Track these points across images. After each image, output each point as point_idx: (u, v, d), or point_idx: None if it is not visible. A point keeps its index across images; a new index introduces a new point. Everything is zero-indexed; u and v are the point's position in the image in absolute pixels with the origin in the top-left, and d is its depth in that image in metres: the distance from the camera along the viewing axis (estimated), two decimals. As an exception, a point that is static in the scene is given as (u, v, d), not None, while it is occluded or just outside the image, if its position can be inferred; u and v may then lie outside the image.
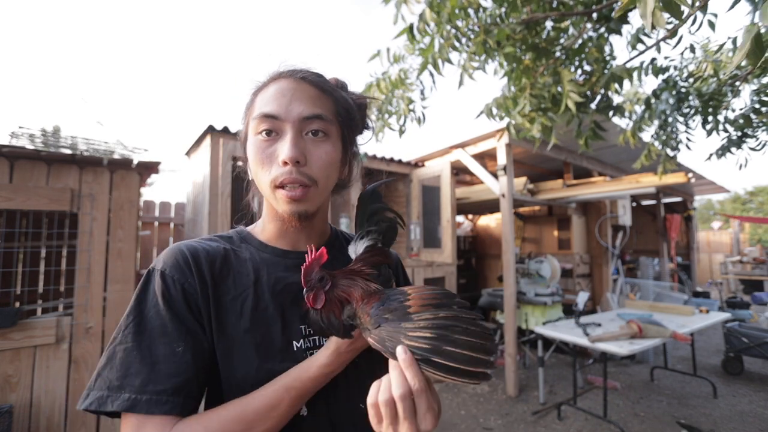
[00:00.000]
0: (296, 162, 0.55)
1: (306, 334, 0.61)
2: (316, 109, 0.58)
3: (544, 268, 4.21)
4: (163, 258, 0.57)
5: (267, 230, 0.66)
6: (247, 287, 0.59)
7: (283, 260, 0.64)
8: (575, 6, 1.76)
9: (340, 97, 0.63)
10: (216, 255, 0.59)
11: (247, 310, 0.57)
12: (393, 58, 1.85)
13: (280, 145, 0.56)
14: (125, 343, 0.50)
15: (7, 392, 1.96)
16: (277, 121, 0.57)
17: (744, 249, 11.39)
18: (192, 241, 0.61)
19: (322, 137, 0.59)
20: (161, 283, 0.54)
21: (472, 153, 4.05)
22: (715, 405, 3.23)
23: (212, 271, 0.57)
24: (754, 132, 2.03)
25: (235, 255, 0.62)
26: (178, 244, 0.59)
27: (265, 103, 0.58)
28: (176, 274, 0.55)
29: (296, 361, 0.57)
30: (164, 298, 0.53)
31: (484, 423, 3.00)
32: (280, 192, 0.56)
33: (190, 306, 0.54)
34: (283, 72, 0.61)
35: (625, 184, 4.03)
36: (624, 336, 2.71)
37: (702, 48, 1.98)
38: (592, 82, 1.79)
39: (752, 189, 22.72)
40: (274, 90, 0.58)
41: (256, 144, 0.58)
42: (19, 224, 2.39)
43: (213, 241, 0.63)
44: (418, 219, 4.24)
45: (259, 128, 0.57)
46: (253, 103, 0.61)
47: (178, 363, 0.50)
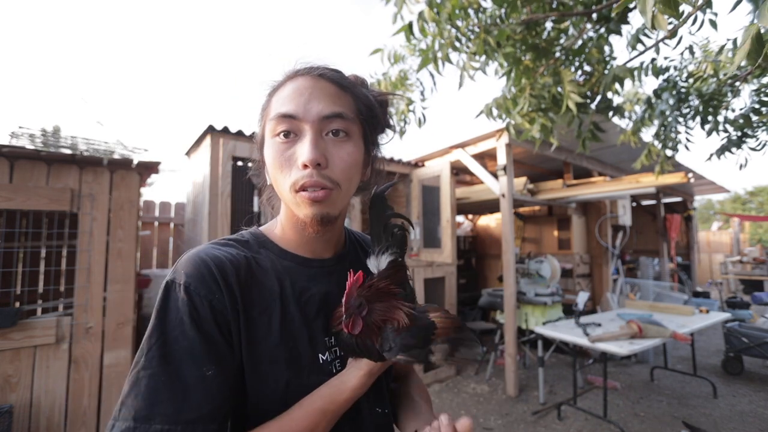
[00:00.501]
0: (317, 164, 0.52)
1: (330, 345, 0.60)
2: (336, 108, 0.55)
3: (544, 268, 4.21)
4: (185, 270, 0.51)
5: (287, 236, 0.62)
6: (273, 299, 0.56)
7: (306, 269, 0.61)
8: (575, 6, 1.76)
9: (360, 95, 0.60)
10: (239, 265, 0.55)
11: (275, 324, 0.55)
12: (393, 57, 1.85)
13: (300, 146, 0.53)
14: (150, 368, 0.46)
15: (7, 392, 1.96)
16: (296, 121, 0.53)
17: (744, 249, 11.39)
18: (210, 248, 0.55)
19: (344, 137, 0.56)
20: (186, 300, 0.49)
21: (472, 153, 4.05)
22: (715, 405, 3.23)
23: (239, 283, 0.53)
24: (753, 132, 2.03)
25: (257, 264, 0.58)
26: (198, 252, 0.53)
27: (282, 103, 0.55)
28: (202, 289, 0.50)
29: (323, 374, 0.57)
30: (191, 317, 0.48)
31: (484, 423, 3.00)
32: (301, 195, 0.53)
33: (218, 324, 0.50)
34: (300, 70, 0.58)
35: (625, 184, 4.03)
36: (624, 336, 2.71)
37: (702, 48, 1.98)
38: (592, 83, 1.79)
39: (752, 189, 22.72)
40: (290, 89, 0.55)
41: (274, 147, 0.55)
42: (19, 224, 2.39)
43: (231, 247, 0.58)
44: (418, 219, 4.24)
45: (276, 130, 0.55)
46: (269, 105, 0.58)
47: (210, 388, 0.47)
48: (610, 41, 1.83)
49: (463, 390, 3.66)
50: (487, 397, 3.50)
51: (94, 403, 2.19)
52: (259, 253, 0.60)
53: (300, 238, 0.61)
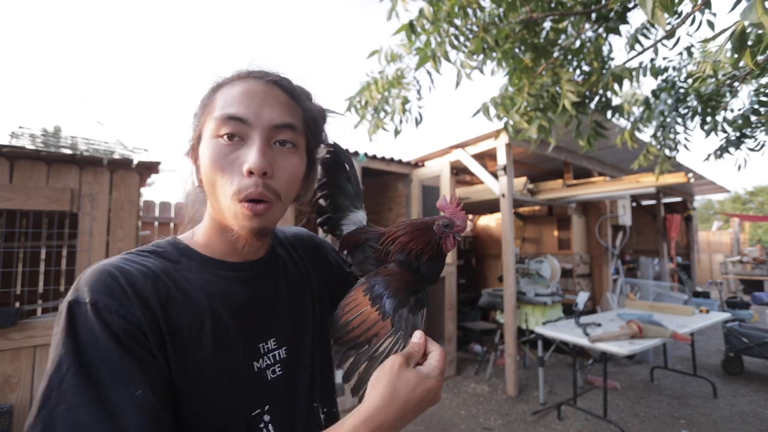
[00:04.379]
0: (263, 173, 0.50)
1: (264, 352, 0.57)
2: (287, 118, 0.53)
3: (544, 268, 4.21)
4: (89, 286, 0.45)
5: (212, 243, 0.58)
6: (202, 310, 0.52)
7: (235, 274, 0.58)
8: (574, 6, 1.76)
9: (308, 107, 0.59)
10: (157, 277, 0.50)
11: (207, 336, 0.51)
12: (390, 56, 1.85)
13: (245, 152, 0.51)
14: (66, 402, 0.39)
15: (7, 392, 1.96)
16: (244, 125, 0.51)
17: (744, 249, 11.39)
18: (118, 260, 0.50)
19: (291, 148, 0.54)
20: (96, 318, 0.43)
21: (472, 153, 4.05)
22: (715, 405, 3.23)
23: (158, 295, 0.48)
24: (752, 132, 2.03)
25: (180, 274, 0.53)
26: (103, 266, 0.47)
27: (231, 104, 0.52)
28: (113, 304, 0.44)
29: (260, 383, 0.55)
30: (105, 335, 0.42)
31: (484, 423, 3.00)
32: (243, 205, 0.50)
33: (137, 340, 0.44)
34: (253, 72, 0.55)
35: (625, 184, 4.03)
36: (624, 336, 2.71)
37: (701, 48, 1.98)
38: (590, 82, 1.79)
39: (752, 189, 22.72)
40: (241, 90, 0.53)
41: (216, 148, 0.51)
42: (19, 224, 2.40)
43: (146, 258, 0.52)
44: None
45: (220, 130, 0.51)
46: (212, 101, 0.54)
47: (142, 409, 0.41)
48: (608, 41, 1.83)
49: (463, 390, 3.66)
50: (487, 397, 3.50)
51: (93, 402, 2.19)
52: (179, 262, 0.55)
53: (229, 247, 0.57)
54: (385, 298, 0.55)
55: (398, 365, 0.48)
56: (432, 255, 0.61)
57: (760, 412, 3.09)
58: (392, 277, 0.58)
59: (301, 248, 0.73)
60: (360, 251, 0.65)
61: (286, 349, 0.60)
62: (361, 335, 0.54)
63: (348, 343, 0.55)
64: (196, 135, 0.56)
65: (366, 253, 0.64)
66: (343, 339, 0.55)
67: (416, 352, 0.51)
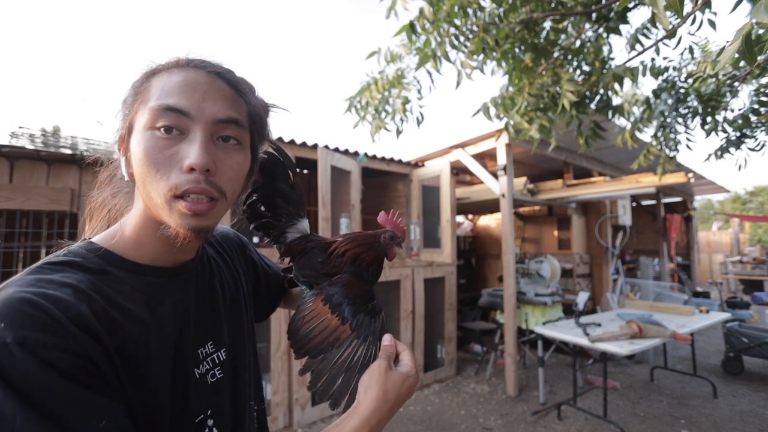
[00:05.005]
0: (206, 170, 0.46)
1: (203, 357, 0.56)
2: (232, 113, 0.50)
3: (544, 268, 4.21)
4: (5, 322, 0.36)
5: (143, 245, 0.52)
6: (144, 324, 0.47)
7: (171, 280, 0.54)
8: (574, 6, 1.76)
9: (252, 102, 0.55)
10: (88, 295, 0.43)
11: (156, 353, 0.47)
12: (390, 56, 1.85)
13: (186, 147, 0.46)
14: None
15: (7, 392, 1.96)
16: (185, 118, 0.46)
17: (744, 249, 11.40)
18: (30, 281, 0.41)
19: (235, 145, 0.51)
20: (28, 358, 0.35)
21: (472, 153, 4.05)
22: (715, 405, 3.23)
23: (96, 317, 0.42)
24: (752, 132, 2.03)
25: (110, 287, 0.46)
26: (10, 293, 0.38)
27: (169, 94, 0.47)
28: (47, 338, 0.36)
29: (201, 388, 0.54)
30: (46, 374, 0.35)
31: (484, 423, 3.00)
32: (179, 203, 0.46)
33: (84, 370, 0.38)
34: (194, 61, 0.51)
35: (625, 184, 4.04)
36: (624, 336, 2.71)
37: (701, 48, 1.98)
38: (591, 82, 1.79)
39: (752, 189, 22.72)
40: (181, 79, 0.48)
41: (151, 141, 0.46)
42: (19, 224, 2.40)
43: (64, 273, 0.44)
44: (418, 219, 4.24)
45: (157, 122, 0.46)
46: (147, 88, 0.49)
47: None
48: (609, 41, 1.83)
49: (463, 390, 3.66)
50: (487, 397, 3.50)
51: (94, 403, 2.19)
52: (105, 273, 0.48)
53: (163, 247, 0.52)
54: (345, 306, 0.60)
55: (384, 369, 0.53)
56: (377, 265, 0.68)
57: (760, 412, 3.09)
58: (348, 287, 0.62)
59: (229, 248, 0.72)
60: (306, 259, 0.68)
61: (225, 351, 0.60)
62: (324, 341, 0.57)
63: (311, 351, 0.58)
64: (127, 124, 0.50)
65: (312, 261, 0.67)
66: (305, 348, 0.58)
67: (392, 354, 0.57)
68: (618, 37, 1.76)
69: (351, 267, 0.65)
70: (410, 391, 0.54)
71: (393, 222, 0.71)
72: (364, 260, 0.66)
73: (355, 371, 0.55)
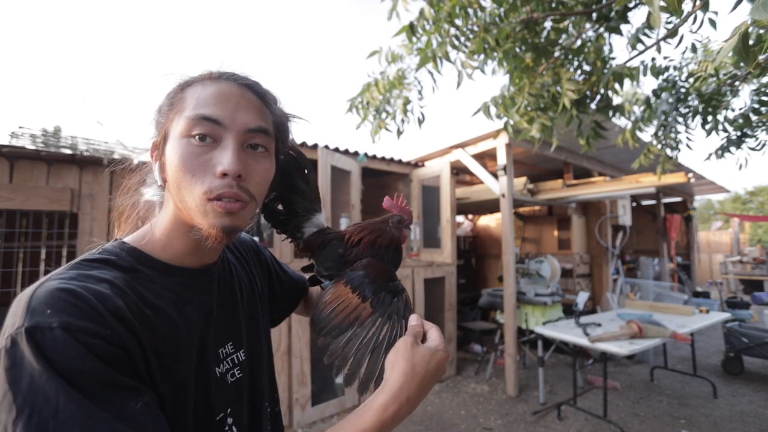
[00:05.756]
0: (238, 176, 0.50)
1: (223, 356, 0.58)
2: (261, 122, 0.53)
3: (544, 268, 4.21)
4: (51, 309, 0.39)
5: (172, 246, 0.55)
6: (173, 322, 0.50)
7: (197, 281, 0.57)
8: (575, 6, 1.76)
9: (276, 112, 0.59)
10: (124, 291, 0.46)
11: (182, 349, 0.50)
12: (391, 57, 1.85)
13: (219, 154, 0.50)
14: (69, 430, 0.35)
15: (7, 392, 1.96)
16: (218, 127, 0.50)
17: (744, 249, 11.40)
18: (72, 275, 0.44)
19: (263, 152, 0.54)
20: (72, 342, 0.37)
21: (472, 153, 4.05)
22: (715, 405, 3.23)
23: (130, 310, 0.45)
24: (753, 132, 2.03)
25: (141, 285, 0.49)
26: (57, 284, 0.41)
27: (204, 104, 0.50)
28: (89, 325, 0.39)
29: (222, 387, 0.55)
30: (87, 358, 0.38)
31: (484, 423, 3.00)
32: (214, 203, 0.49)
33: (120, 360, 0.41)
34: (226, 74, 0.55)
35: (625, 184, 4.03)
36: (624, 336, 2.71)
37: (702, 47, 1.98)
38: (591, 82, 1.79)
39: (752, 189, 22.73)
40: (215, 91, 0.51)
41: (186, 148, 0.49)
42: (19, 224, 2.40)
43: (100, 270, 0.47)
44: (418, 219, 4.24)
45: (192, 130, 0.49)
46: (182, 99, 0.52)
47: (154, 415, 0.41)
48: (609, 41, 1.83)
49: (463, 390, 3.66)
50: (487, 397, 3.50)
51: (94, 403, 2.19)
52: (138, 271, 0.51)
53: (190, 249, 0.55)
54: (366, 285, 0.60)
55: (410, 344, 0.52)
56: (395, 247, 0.69)
57: (760, 412, 3.09)
58: (369, 267, 0.63)
59: (245, 252, 0.74)
60: (326, 251, 0.68)
61: (244, 351, 0.62)
62: (344, 320, 0.57)
63: (332, 332, 0.57)
64: (162, 132, 0.53)
65: (333, 253, 0.67)
66: (326, 329, 0.57)
67: (419, 332, 0.55)
68: (619, 36, 1.76)
69: (370, 251, 0.66)
70: (440, 366, 0.52)
71: (399, 206, 0.72)
72: (381, 244, 0.67)
73: (381, 351, 0.53)
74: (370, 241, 0.66)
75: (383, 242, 0.67)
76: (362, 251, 0.66)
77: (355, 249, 0.66)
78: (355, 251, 0.66)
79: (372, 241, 0.67)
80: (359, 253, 0.66)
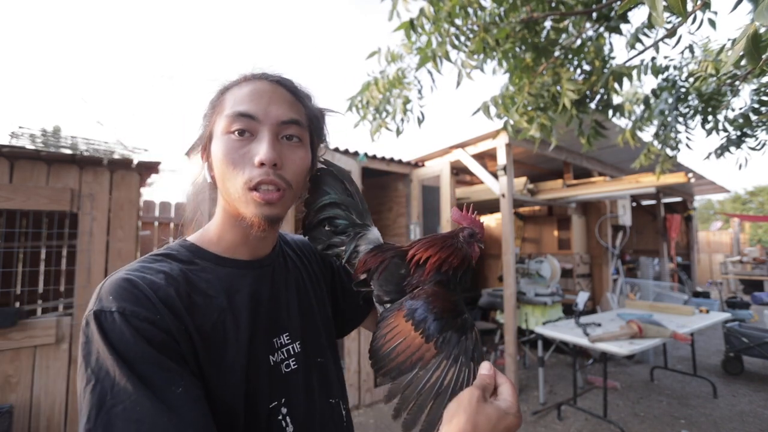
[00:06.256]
0: (273, 164, 0.53)
1: (278, 346, 0.60)
2: (293, 114, 0.57)
3: (544, 268, 4.21)
4: (111, 295, 0.46)
5: (224, 239, 0.60)
6: (222, 309, 0.54)
7: (248, 272, 0.60)
8: (575, 6, 1.76)
9: (309, 106, 0.63)
10: (177, 282, 0.52)
11: (230, 334, 0.53)
12: (391, 56, 1.85)
13: (256, 145, 0.54)
14: (122, 403, 0.41)
15: (7, 392, 1.96)
16: (254, 121, 0.54)
17: (744, 249, 11.40)
18: (136, 267, 0.51)
19: (297, 142, 0.58)
20: (126, 325, 0.44)
21: (472, 153, 4.05)
22: (715, 405, 3.23)
23: (180, 299, 0.50)
24: (753, 131, 2.03)
25: (196, 275, 0.55)
26: (122, 274, 0.49)
27: (240, 102, 0.55)
28: (141, 311, 0.45)
29: (275, 376, 0.57)
30: (137, 340, 0.44)
31: (484, 423, 3.00)
32: (253, 194, 0.53)
33: (166, 344, 0.46)
34: (258, 74, 0.59)
35: (625, 184, 4.03)
36: (624, 336, 2.71)
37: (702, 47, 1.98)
38: (591, 81, 1.79)
39: (752, 189, 22.73)
40: (249, 90, 0.56)
41: (228, 143, 0.54)
42: (19, 224, 2.40)
43: (161, 263, 0.54)
44: (418, 219, 4.24)
45: (231, 127, 0.54)
46: (221, 101, 0.58)
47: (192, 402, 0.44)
48: (609, 40, 1.83)
49: (463, 390, 3.66)
50: (487, 397, 3.49)
51: (93, 403, 2.19)
52: (194, 263, 0.57)
53: (240, 240, 0.60)
54: (430, 321, 0.53)
55: (476, 399, 0.45)
56: (465, 268, 0.60)
57: (760, 412, 3.08)
58: (434, 298, 0.55)
59: (308, 252, 0.76)
60: (387, 273, 0.61)
61: (300, 343, 0.63)
62: (405, 361, 0.51)
63: (392, 372, 0.52)
64: (207, 134, 0.59)
65: (394, 275, 0.60)
66: (386, 367, 0.53)
67: (489, 385, 0.49)
68: (619, 36, 1.76)
69: (435, 275, 0.57)
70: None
71: (469, 218, 0.63)
72: (451, 265, 0.58)
73: (446, 398, 0.48)
74: (437, 262, 0.58)
75: (454, 263, 0.58)
76: (427, 273, 0.58)
77: (419, 270, 0.58)
78: (419, 273, 0.58)
79: (440, 261, 0.58)
80: (423, 275, 0.58)
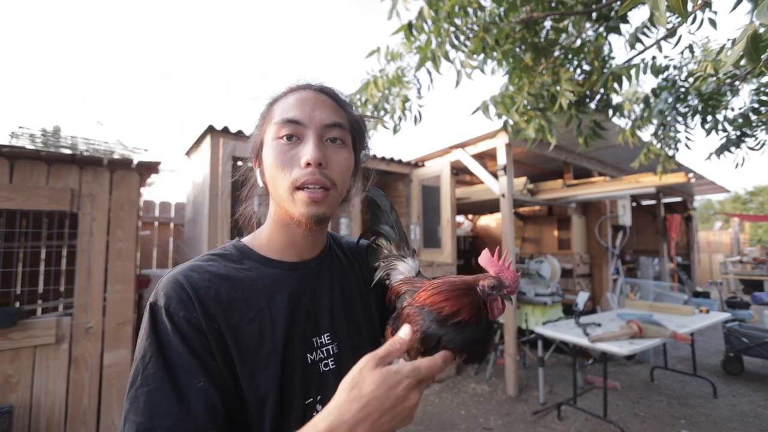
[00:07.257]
0: (319, 164, 0.57)
1: (317, 345, 0.62)
2: (336, 118, 0.61)
3: (544, 268, 4.21)
4: (164, 292, 0.54)
5: (273, 241, 0.65)
6: (261, 308, 0.59)
7: (293, 273, 0.64)
8: (575, 6, 1.76)
9: (351, 112, 0.67)
10: (221, 280, 0.58)
11: (267, 331, 0.57)
12: (390, 55, 1.85)
13: (302, 148, 0.58)
14: (147, 385, 0.49)
15: (7, 392, 1.96)
16: (300, 126, 0.59)
17: (744, 249, 11.40)
18: (189, 266, 0.58)
19: (340, 144, 0.62)
20: (168, 320, 0.52)
21: (472, 153, 4.05)
22: (715, 405, 3.23)
23: (218, 300, 0.56)
24: (753, 131, 2.03)
25: (243, 274, 0.60)
26: (175, 274, 0.56)
27: (287, 110, 0.60)
28: (180, 310, 0.53)
29: (312, 374, 0.60)
30: (175, 335, 0.52)
31: (484, 423, 3.00)
32: (299, 194, 0.57)
33: (198, 340, 0.53)
34: (303, 84, 0.64)
35: (625, 184, 4.03)
36: (624, 336, 2.71)
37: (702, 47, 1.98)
38: (591, 82, 1.79)
39: (752, 189, 22.72)
40: (295, 99, 0.61)
41: (277, 148, 0.59)
42: (19, 224, 2.40)
43: (212, 262, 0.60)
44: (418, 219, 4.24)
45: (280, 133, 0.59)
46: (270, 112, 0.63)
47: (204, 398, 0.50)
48: (609, 40, 1.83)
49: (463, 390, 3.66)
50: (487, 397, 3.49)
51: (94, 402, 2.19)
52: (242, 263, 0.62)
53: (288, 241, 0.64)
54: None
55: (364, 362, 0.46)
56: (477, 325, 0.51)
57: (760, 412, 3.08)
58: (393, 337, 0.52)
59: (359, 255, 0.77)
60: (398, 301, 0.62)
61: (338, 344, 0.65)
62: None
63: None
64: (258, 142, 0.64)
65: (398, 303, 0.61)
66: None
67: (395, 350, 0.49)
68: (618, 36, 1.76)
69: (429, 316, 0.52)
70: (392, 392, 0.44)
71: (500, 265, 0.54)
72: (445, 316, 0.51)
73: None
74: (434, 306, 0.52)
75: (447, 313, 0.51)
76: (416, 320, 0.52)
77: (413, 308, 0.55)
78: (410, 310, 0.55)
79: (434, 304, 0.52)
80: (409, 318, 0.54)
